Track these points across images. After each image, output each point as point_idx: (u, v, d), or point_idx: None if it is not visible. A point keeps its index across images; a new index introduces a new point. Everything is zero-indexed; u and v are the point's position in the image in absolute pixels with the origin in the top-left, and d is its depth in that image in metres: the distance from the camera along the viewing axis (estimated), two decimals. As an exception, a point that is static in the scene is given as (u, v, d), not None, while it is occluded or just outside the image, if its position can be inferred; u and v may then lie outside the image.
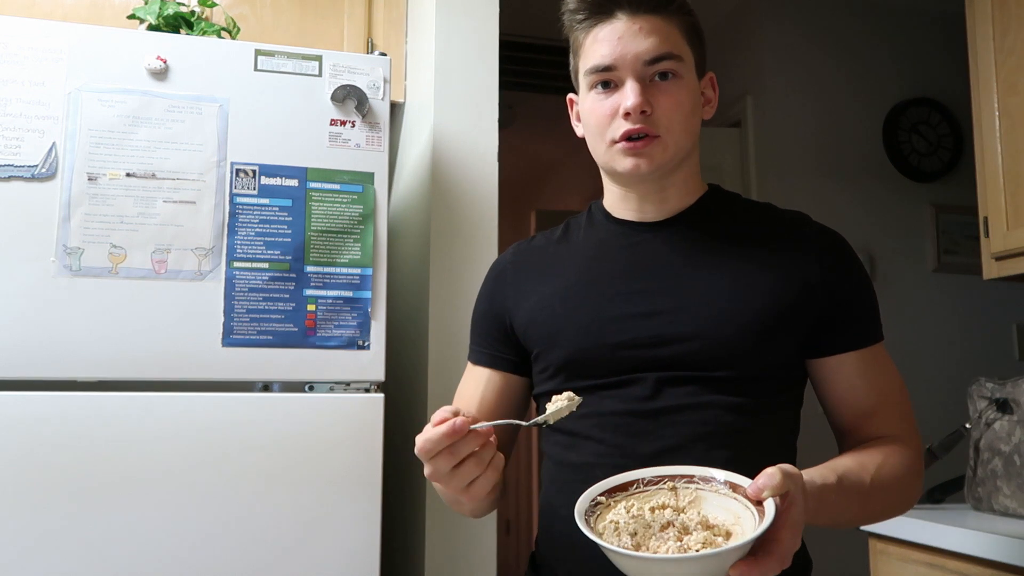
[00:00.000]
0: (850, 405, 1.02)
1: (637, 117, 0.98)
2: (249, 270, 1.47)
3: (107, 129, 1.45)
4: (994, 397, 1.65)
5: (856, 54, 3.09)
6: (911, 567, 1.57)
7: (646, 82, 0.99)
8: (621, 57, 0.98)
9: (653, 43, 0.98)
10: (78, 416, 1.38)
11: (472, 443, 0.85)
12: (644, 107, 0.97)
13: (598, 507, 0.82)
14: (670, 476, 0.83)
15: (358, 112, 1.56)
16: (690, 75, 1.02)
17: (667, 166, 1.02)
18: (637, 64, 0.98)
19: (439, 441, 0.83)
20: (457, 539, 1.64)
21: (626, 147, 0.99)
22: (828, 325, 1.00)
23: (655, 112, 0.98)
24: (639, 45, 0.98)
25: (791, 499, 0.76)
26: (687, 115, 1.01)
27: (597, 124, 1.02)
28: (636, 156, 0.99)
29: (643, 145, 0.99)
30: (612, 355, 0.99)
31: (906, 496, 1.00)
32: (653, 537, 0.76)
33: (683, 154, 1.03)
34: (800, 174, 2.98)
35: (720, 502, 0.80)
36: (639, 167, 1.00)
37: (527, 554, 1.18)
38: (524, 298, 1.09)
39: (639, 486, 0.84)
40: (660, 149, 1.00)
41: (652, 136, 0.99)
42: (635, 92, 0.97)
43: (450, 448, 0.84)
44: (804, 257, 1.01)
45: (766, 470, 0.77)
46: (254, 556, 1.42)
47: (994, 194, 1.82)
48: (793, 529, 0.75)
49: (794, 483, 0.77)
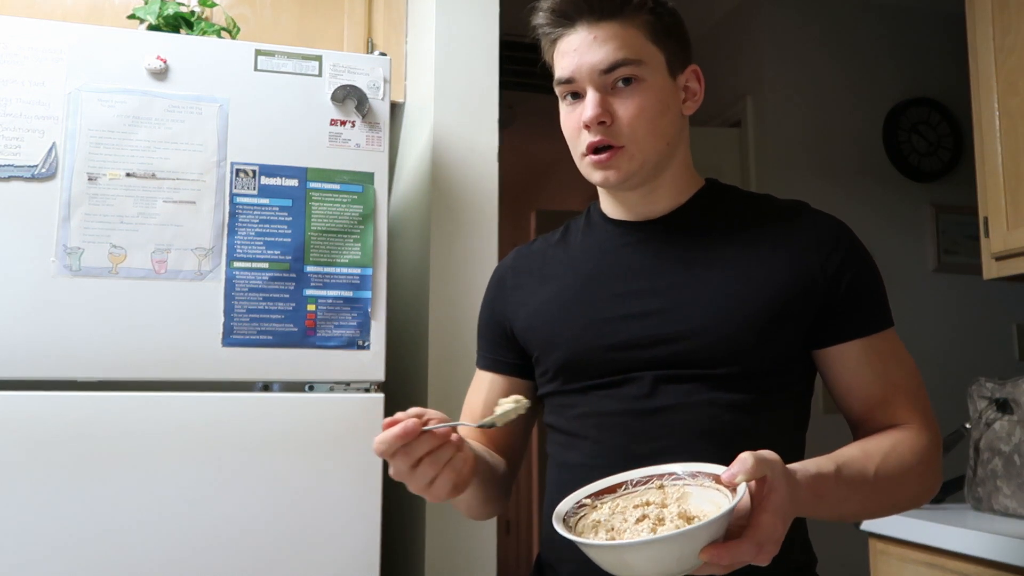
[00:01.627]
0: (859, 394, 1.00)
1: (596, 129, 0.98)
2: (249, 270, 1.47)
3: (107, 129, 1.45)
4: (994, 397, 1.65)
5: (856, 54, 3.09)
6: (911, 567, 1.56)
7: (607, 90, 0.98)
8: (578, 69, 0.98)
9: (607, 51, 0.97)
10: (78, 416, 1.38)
11: (426, 444, 0.85)
12: (602, 118, 0.97)
13: (583, 509, 0.82)
14: (658, 475, 0.83)
15: (358, 112, 1.56)
16: (656, 76, 1.00)
17: (640, 174, 1.00)
18: (594, 75, 0.98)
19: (392, 443, 0.84)
20: (457, 539, 1.64)
21: (592, 160, 1.00)
22: (831, 313, 0.98)
23: (615, 122, 0.98)
24: (594, 55, 0.97)
25: (770, 484, 0.75)
26: (652, 119, 0.99)
27: (569, 136, 1.03)
28: (603, 169, 0.99)
29: (608, 158, 0.98)
30: (608, 356, 0.99)
31: (920, 487, 0.97)
32: (628, 531, 0.76)
33: (656, 158, 1.01)
34: (800, 174, 2.98)
35: (706, 495, 0.79)
36: (608, 179, 1.00)
37: (527, 554, 1.18)
38: (523, 302, 1.10)
39: (627, 487, 0.84)
40: (626, 159, 0.99)
41: (616, 147, 0.98)
42: (592, 104, 0.97)
43: (404, 449, 0.84)
44: (804, 245, 1.00)
45: (740, 455, 0.76)
46: (254, 556, 1.42)
47: (994, 194, 1.82)
48: (774, 515, 0.74)
49: (772, 469, 0.76)
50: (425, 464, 0.86)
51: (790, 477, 0.79)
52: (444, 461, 0.86)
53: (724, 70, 3.24)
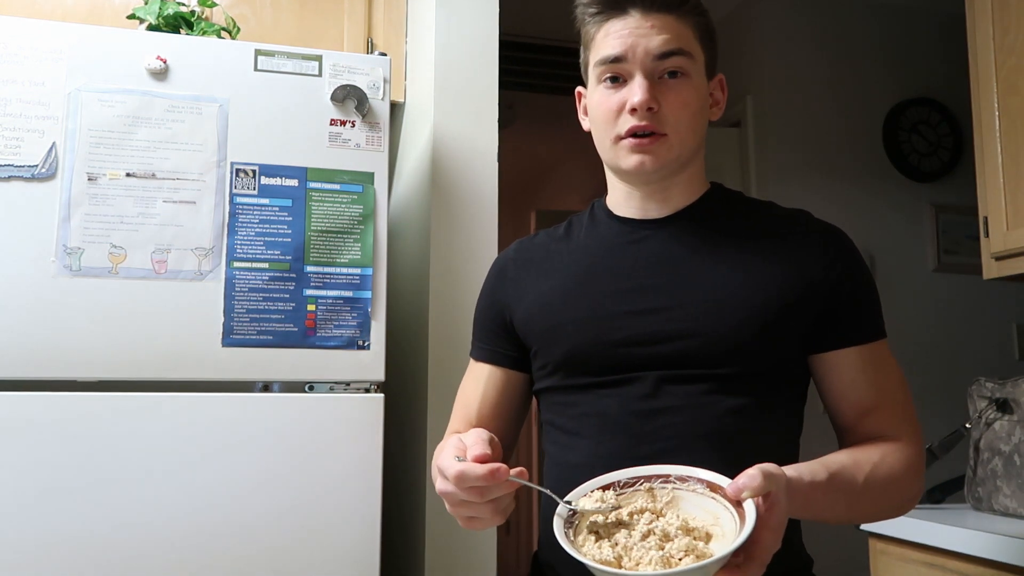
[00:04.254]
0: (850, 402, 1.01)
1: (644, 114, 0.98)
2: (249, 270, 1.47)
3: (107, 129, 1.45)
4: (994, 397, 1.65)
5: (856, 54, 3.09)
6: (911, 567, 1.57)
7: (654, 79, 0.99)
8: (631, 50, 0.98)
9: (664, 39, 0.98)
10: (78, 416, 1.38)
11: (502, 489, 0.83)
12: (651, 103, 0.97)
13: (578, 515, 0.82)
14: (646, 476, 0.83)
15: (358, 112, 1.56)
16: (699, 75, 1.02)
17: (672, 165, 1.02)
18: (647, 59, 0.98)
19: (476, 480, 0.81)
20: (457, 539, 1.64)
21: (632, 144, 1.00)
22: (829, 320, 0.99)
23: (662, 109, 0.98)
24: (650, 40, 0.98)
25: (772, 500, 0.76)
26: (694, 114, 1.01)
27: (604, 119, 1.02)
28: (641, 153, 1.00)
29: (649, 143, 0.99)
30: (611, 352, 0.99)
31: (903, 497, 0.99)
32: (635, 547, 0.76)
33: (689, 154, 1.03)
34: (800, 174, 2.98)
35: (698, 502, 0.79)
36: (644, 164, 1.00)
37: (527, 554, 1.18)
38: (524, 294, 1.10)
39: (616, 488, 0.83)
40: (666, 147, 1.00)
41: (659, 134, 0.99)
42: (643, 88, 0.97)
43: (480, 489, 0.82)
44: (805, 253, 1.00)
45: (747, 470, 0.76)
46: (254, 556, 1.42)
47: (994, 194, 1.82)
48: (774, 532, 0.75)
49: (776, 484, 0.76)
50: (487, 506, 0.83)
51: (791, 490, 0.79)
52: (503, 508, 0.85)
53: (724, 70, 3.23)
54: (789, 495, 0.79)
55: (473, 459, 0.83)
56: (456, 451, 0.86)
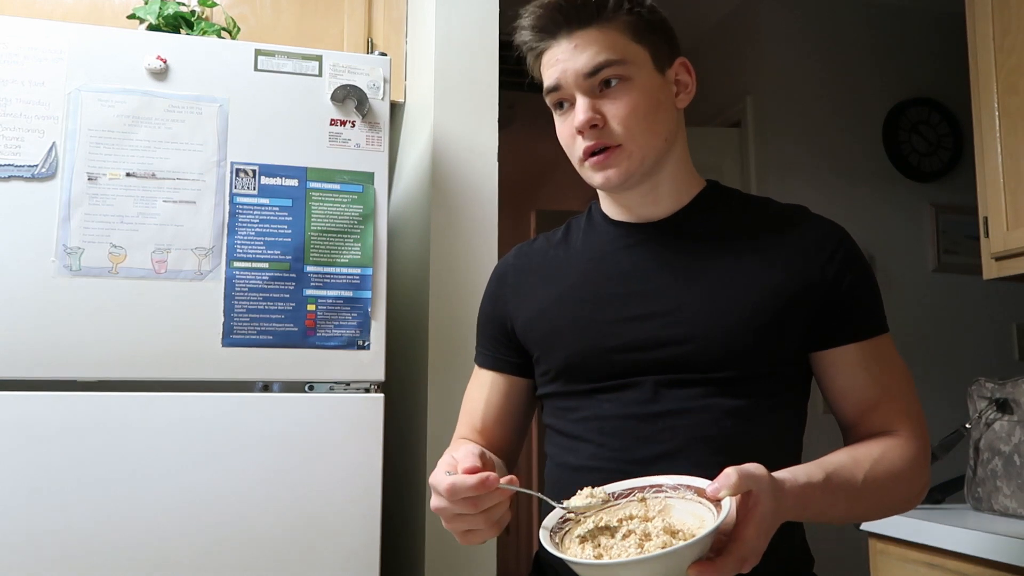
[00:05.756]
0: (853, 399, 1.00)
1: (589, 133, 0.99)
2: (249, 270, 1.47)
3: (107, 129, 1.45)
4: (994, 397, 1.65)
5: (856, 54, 3.09)
6: (911, 567, 1.56)
7: (596, 94, 0.99)
8: (563, 76, 0.99)
9: (589, 55, 0.98)
10: (78, 416, 1.38)
11: (494, 499, 0.83)
12: (593, 121, 0.98)
13: (567, 523, 0.83)
14: (639, 488, 0.84)
15: (358, 112, 1.56)
16: (643, 73, 1.00)
17: (639, 170, 1.01)
18: (579, 79, 0.99)
19: (467, 491, 0.81)
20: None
21: (592, 163, 1.00)
22: (829, 317, 0.99)
23: (608, 123, 0.99)
24: (576, 61, 0.98)
25: (755, 498, 0.76)
26: (646, 115, 0.99)
27: (565, 145, 1.04)
28: (602, 169, 1.00)
29: (605, 158, 0.99)
30: (608, 359, 0.99)
31: (907, 492, 0.98)
32: (615, 547, 0.77)
33: (656, 153, 1.01)
34: (800, 174, 2.98)
35: (688, 508, 0.80)
36: (609, 179, 1.00)
37: (527, 554, 1.18)
38: (524, 301, 1.10)
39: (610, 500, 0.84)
40: (624, 157, 0.99)
41: (612, 147, 0.99)
42: (582, 109, 0.98)
43: (474, 500, 0.82)
44: (804, 249, 1.00)
45: (724, 470, 0.76)
46: (254, 556, 1.42)
47: (994, 194, 1.82)
48: (758, 528, 0.75)
49: (756, 483, 0.77)
50: (480, 517, 0.84)
51: (776, 489, 0.79)
52: (497, 519, 0.85)
53: (724, 70, 3.24)
54: (778, 496, 0.79)
55: (463, 472, 0.83)
56: (447, 467, 0.87)
